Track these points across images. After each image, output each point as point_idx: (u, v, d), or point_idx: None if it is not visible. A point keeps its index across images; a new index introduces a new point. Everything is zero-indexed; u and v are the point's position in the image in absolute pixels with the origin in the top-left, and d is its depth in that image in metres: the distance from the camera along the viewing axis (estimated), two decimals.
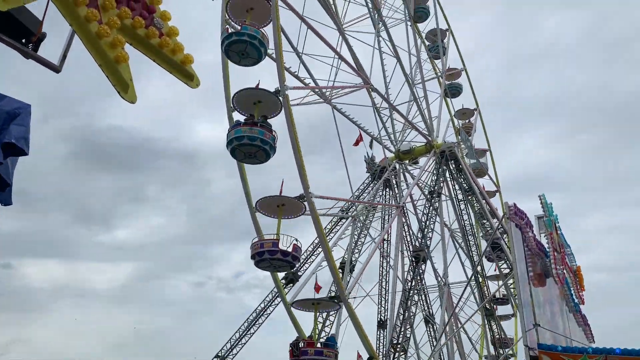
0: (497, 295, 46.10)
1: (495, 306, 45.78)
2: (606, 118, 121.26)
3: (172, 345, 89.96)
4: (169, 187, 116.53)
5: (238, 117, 28.86)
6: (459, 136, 51.34)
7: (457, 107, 56.54)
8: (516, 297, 18.37)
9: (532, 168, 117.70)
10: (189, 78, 8.18)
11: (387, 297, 44.08)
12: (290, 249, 27.62)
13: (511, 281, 34.60)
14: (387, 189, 46.99)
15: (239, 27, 26.81)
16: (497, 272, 44.10)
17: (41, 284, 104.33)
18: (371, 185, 46.07)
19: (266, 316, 42.62)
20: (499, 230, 37.64)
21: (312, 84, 37.76)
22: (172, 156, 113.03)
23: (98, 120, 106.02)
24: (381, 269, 45.04)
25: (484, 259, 45.13)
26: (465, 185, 44.72)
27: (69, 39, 6.69)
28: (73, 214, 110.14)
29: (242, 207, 31.52)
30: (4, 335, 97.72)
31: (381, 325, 43.34)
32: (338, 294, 31.11)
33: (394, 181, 47.10)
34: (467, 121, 55.50)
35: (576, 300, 23.51)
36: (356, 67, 38.12)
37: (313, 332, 29.17)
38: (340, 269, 38.84)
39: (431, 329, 45.67)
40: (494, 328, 43.58)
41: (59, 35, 6.86)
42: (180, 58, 7.95)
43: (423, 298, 45.03)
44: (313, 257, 40.05)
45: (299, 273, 37.94)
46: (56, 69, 6.77)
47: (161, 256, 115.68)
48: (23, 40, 6.52)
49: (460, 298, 30.43)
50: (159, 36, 7.65)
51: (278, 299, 39.70)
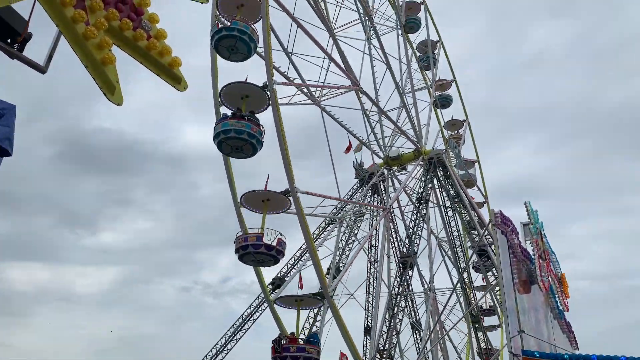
0: (484, 306, 46.35)
1: (482, 318, 45.93)
2: (593, 127, 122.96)
3: (157, 350, 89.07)
4: (156, 191, 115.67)
5: (226, 112, 28.80)
6: (447, 143, 51.74)
7: (447, 118, 57.06)
8: (502, 305, 18.49)
9: (519, 176, 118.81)
10: (177, 81, 8.17)
11: (374, 303, 44.04)
12: (274, 243, 27.59)
13: (497, 289, 34.79)
14: (375, 195, 47.16)
15: (229, 23, 26.94)
16: (485, 283, 44.30)
17: (25, 288, 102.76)
18: (359, 191, 46.21)
19: (253, 321, 42.44)
20: (486, 236, 37.90)
21: (300, 83, 37.72)
22: (160, 159, 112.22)
23: (85, 122, 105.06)
24: (368, 275, 45.02)
25: (472, 270, 45.40)
26: (452, 192, 45.02)
27: (55, 40, 6.66)
28: (58, 217, 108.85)
29: (230, 212, 31.31)
30: None
31: (368, 331, 43.27)
32: (321, 291, 30.85)
33: (382, 186, 47.27)
34: (456, 132, 55.88)
35: (561, 307, 23.72)
36: (346, 70, 38.24)
37: (296, 329, 29.04)
38: (326, 274, 38.77)
39: (417, 336, 45.71)
40: (480, 337, 43.69)
41: (45, 36, 6.83)
42: (168, 61, 7.94)
43: (410, 304, 45.11)
44: (300, 263, 39.90)
45: (286, 278, 37.80)
46: (42, 70, 6.73)
47: (147, 260, 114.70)
48: (8, 40, 6.48)
49: (445, 305, 30.51)
50: (147, 38, 7.64)
51: (265, 305, 39.44)
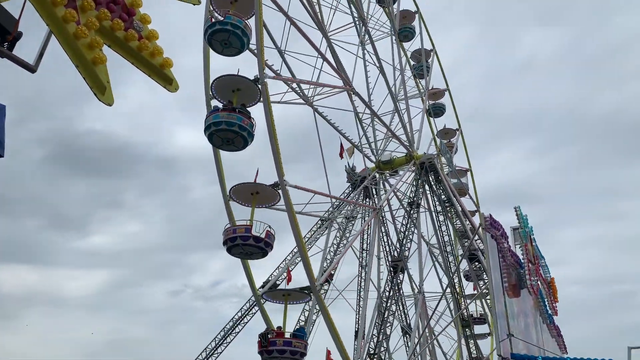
0: (475, 315, 46.40)
1: (472, 324, 45.95)
2: (584, 133, 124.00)
3: (147, 354, 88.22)
4: (147, 193, 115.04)
5: (217, 105, 28.81)
6: (439, 148, 51.93)
7: (440, 127, 57.34)
8: (492, 309, 18.54)
9: (510, 181, 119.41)
10: (168, 82, 8.16)
11: (363, 304, 44.02)
12: (263, 235, 27.47)
13: (488, 297, 34.84)
14: (367, 199, 47.25)
15: (222, 18, 27.07)
16: (476, 291, 44.30)
17: (12, 290, 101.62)
18: (351, 195, 46.26)
19: (243, 325, 42.26)
20: (476, 241, 38.07)
21: (294, 84, 37.67)
22: (151, 162, 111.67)
23: (76, 123, 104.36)
24: (359, 279, 44.99)
25: (463, 278, 45.47)
26: (444, 196, 45.20)
27: (46, 39, 6.64)
28: (48, 219, 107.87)
29: (221, 215, 31.08)
30: None
31: (360, 336, 43.18)
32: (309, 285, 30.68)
33: (374, 189, 47.36)
34: (448, 141, 56.07)
35: (550, 311, 23.86)
36: (338, 70, 38.30)
37: (283, 323, 28.94)
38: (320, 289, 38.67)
39: (408, 340, 45.72)
40: (470, 343, 43.72)
41: (36, 35, 6.80)
42: (159, 61, 7.94)
43: (401, 308, 45.14)
44: (291, 259, 39.68)
45: (277, 282, 37.68)
46: (32, 69, 6.70)
47: (137, 264, 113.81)
48: None
49: (435, 310, 30.60)
50: (138, 39, 7.63)
51: (255, 308, 39.21)
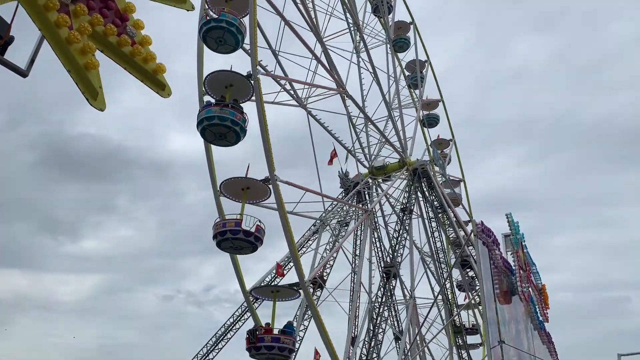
0: (467, 325, 46.35)
1: (465, 334, 45.89)
2: (575, 140, 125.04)
3: None
4: (140, 198, 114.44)
5: (210, 100, 28.89)
6: (432, 156, 52.10)
7: (434, 137, 57.47)
8: (483, 315, 18.56)
9: (502, 187, 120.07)
10: (161, 87, 8.16)
11: (351, 307, 43.96)
12: (253, 230, 27.41)
13: (481, 307, 34.79)
14: (360, 205, 47.25)
15: (217, 15, 27.28)
16: (468, 302, 44.25)
17: (2, 295, 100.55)
18: (344, 199, 46.26)
19: (235, 331, 42.02)
20: (469, 247, 38.16)
21: (287, 85, 37.68)
22: (144, 166, 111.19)
23: (68, 127, 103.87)
24: (352, 284, 44.90)
25: (456, 289, 45.45)
26: (436, 203, 45.31)
27: (38, 44, 6.62)
28: (39, 223, 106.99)
29: (214, 219, 31.00)
30: None
31: (353, 342, 43.03)
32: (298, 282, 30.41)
33: (366, 194, 47.42)
34: (442, 152, 56.23)
35: (541, 318, 23.95)
36: (334, 75, 38.41)
37: (271, 319, 28.82)
38: (311, 284, 38.59)
39: (400, 346, 45.63)
40: (462, 351, 43.68)
41: (28, 39, 6.79)
42: (152, 67, 7.94)
43: (393, 314, 45.08)
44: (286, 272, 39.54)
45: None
46: (23, 74, 6.68)
47: (129, 268, 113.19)
48: None
49: (426, 317, 30.58)
50: (131, 44, 7.64)
51: (248, 314, 38.99)
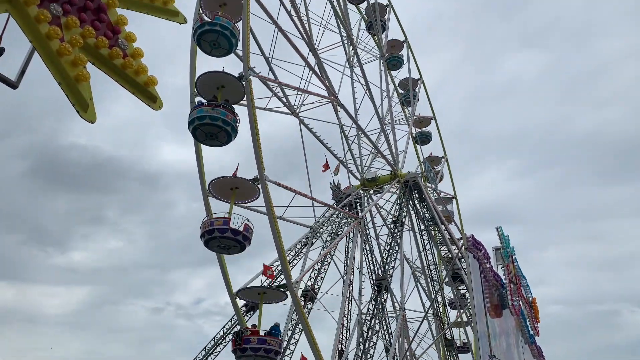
0: (458, 343, 46.17)
1: (456, 347, 45.65)
2: (564, 154, 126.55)
3: None
4: (130, 209, 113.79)
5: (201, 100, 28.89)
6: (424, 169, 52.33)
7: (426, 154, 57.69)
8: (474, 328, 18.52)
9: (492, 200, 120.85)
10: (152, 100, 8.15)
11: (338, 319, 43.68)
12: (241, 228, 27.21)
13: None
14: (351, 212, 47.18)
15: (211, 19, 27.53)
16: (460, 319, 44.07)
17: None
18: (335, 213, 46.22)
19: (225, 344, 41.55)
20: (459, 260, 38.16)
21: (279, 93, 37.67)
22: (135, 177, 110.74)
23: (59, 138, 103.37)
24: (343, 297, 44.65)
25: (448, 307, 45.25)
26: (428, 215, 45.40)
27: (28, 56, 6.60)
28: (27, 234, 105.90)
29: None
30: None
31: (341, 355, 42.74)
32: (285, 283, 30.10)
33: (358, 206, 47.43)
34: (433, 169, 56.43)
35: (531, 331, 23.95)
36: (325, 82, 38.58)
37: (258, 321, 28.50)
38: (302, 297, 38.36)
39: (390, 358, 45.34)
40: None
41: (19, 51, 6.76)
42: (143, 79, 7.93)
43: (385, 328, 44.87)
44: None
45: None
46: (13, 85, 6.64)
47: (118, 281, 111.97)
48: None
49: (417, 331, 30.39)
50: (123, 57, 7.63)
51: (238, 327, 38.52)
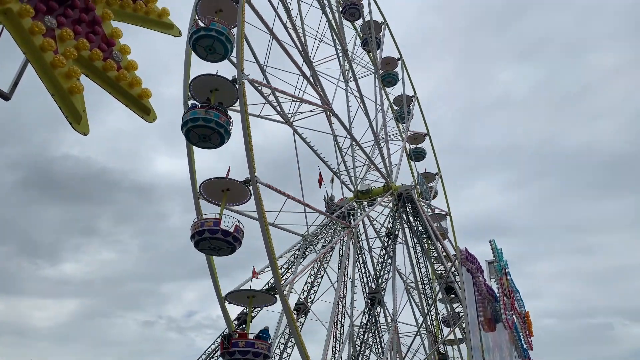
0: None
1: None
2: (556, 167, 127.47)
3: None
4: (123, 221, 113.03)
5: (195, 102, 29.03)
6: (418, 181, 52.44)
7: (420, 170, 57.95)
8: (467, 343, 18.43)
9: (485, 213, 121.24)
10: (146, 112, 8.13)
11: (342, 339, 43.42)
12: (232, 230, 27.10)
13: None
14: (343, 220, 47.10)
15: (207, 25, 27.74)
16: (453, 337, 43.84)
17: None
18: (329, 223, 46.14)
19: (217, 358, 41.10)
20: (453, 272, 38.12)
21: (274, 101, 37.66)
22: (128, 188, 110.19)
23: (52, 148, 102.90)
24: (337, 312, 44.41)
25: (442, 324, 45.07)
26: (421, 228, 45.41)
27: (22, 67, 6.57)
28: (17, 245, 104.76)
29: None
30: None
31: None
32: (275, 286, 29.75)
33: (351, 218, 47.42)
34: (427, 185, 56.55)
35: (525, 345, 23.88)
36: (319, 91, 38.74)
37: (247, 325, 28.20)
38: (295, 311, 38.11)
39: None
40: None
41: (12, 62, 6.74)
42: (137, 92, 7.92)
43: (378, 341, 44.61)
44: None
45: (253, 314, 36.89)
46: (6, 97, 6.61)
47: (109, 293, 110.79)
48: None
49: (410, 346, 30.19)
50: (117, 69, 7.63)
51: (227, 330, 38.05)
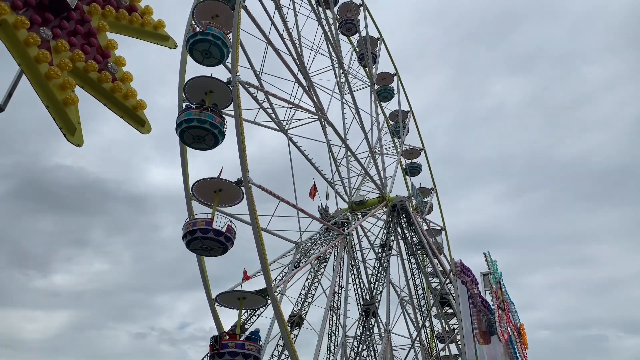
0: None
1: None
2: (550, 179, 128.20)
3: None
4: (115, 231, 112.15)
5: (189, 104, 29.26)
6: (412, 191, 52.52)
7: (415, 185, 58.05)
8: (462, 354, 18.35)
9: (479, 225, 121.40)
10: (140, 124, 8.12)
11: (334, 350, 43.14)
12: (224, 229, 26.96)
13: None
14: (337, 227, 47.00)
15: (204, 29, 27.96)
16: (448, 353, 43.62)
17: None
18: (323, 234, 46.04)
19: None
20: (447, 285, 37.99)
21: (268, 108, 37.66)
22: (121, 199, 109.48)
23: (44, 158, 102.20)
24: (330, 323, 44.20)
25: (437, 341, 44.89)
26: (415, 239, 45.39)
27: (16, 78, 6.54)
28: (8, 256, 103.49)
29: (190, 255, 30.42)
30: None
31: None
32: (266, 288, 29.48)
33: (345, 225, 47.40)
34: (422, 200, 56.60)
35: (520, 358, 23.81)
36: (314, 98, 38.87)
37: (237, 326, 27.88)
38: (289, 323, 37.85)
39: None
40: None
41: (7, 73, 6.71)
42: (132, 103, 7.91)
43: (372, 354, 44.35)
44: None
45: (246, 326, 36.64)
46: (0, 108, 6.58)
47: (101, 304, 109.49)
48: None
49: (406, 358, 30.07)
50: (112, 81, 7.62)
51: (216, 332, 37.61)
